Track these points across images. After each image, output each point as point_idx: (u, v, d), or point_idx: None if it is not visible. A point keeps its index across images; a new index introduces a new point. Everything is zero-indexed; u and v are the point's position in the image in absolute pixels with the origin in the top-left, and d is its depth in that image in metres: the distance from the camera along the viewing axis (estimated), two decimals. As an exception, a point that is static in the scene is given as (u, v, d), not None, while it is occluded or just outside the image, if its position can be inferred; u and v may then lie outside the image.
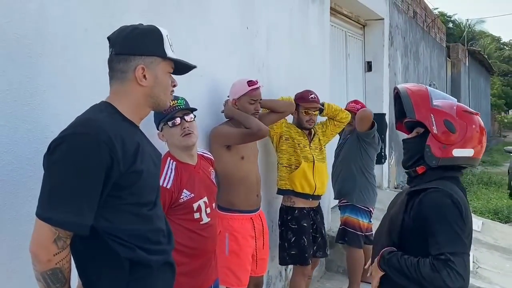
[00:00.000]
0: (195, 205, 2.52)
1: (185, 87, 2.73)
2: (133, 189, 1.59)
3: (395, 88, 2.02)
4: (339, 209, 4.59)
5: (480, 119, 1.93)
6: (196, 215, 2.53)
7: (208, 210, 2.58)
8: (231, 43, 3.40)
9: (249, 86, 3.13)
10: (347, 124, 4.21)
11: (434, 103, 1.89)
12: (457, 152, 1.86)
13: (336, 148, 4.72)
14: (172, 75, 1.75)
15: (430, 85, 12.27)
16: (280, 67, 4.08)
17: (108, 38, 1.72)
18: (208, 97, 3.13)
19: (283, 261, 3.81)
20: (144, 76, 1.65)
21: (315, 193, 3.77)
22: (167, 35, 1.71)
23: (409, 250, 1.82)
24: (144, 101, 1.69)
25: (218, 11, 3.23)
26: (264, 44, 3.84)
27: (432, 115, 1.87)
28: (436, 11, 27.13)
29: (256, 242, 3.24)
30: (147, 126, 2.26)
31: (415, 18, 10.62)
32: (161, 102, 1.72)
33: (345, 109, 4.27)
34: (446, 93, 13.99)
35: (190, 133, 2.50)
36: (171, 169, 2.50)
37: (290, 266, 4.22)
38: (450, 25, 34.70)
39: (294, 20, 4.38)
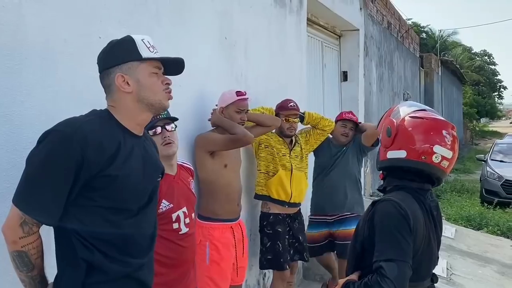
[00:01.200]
0: (174, 216, 2.52)
1: (164, 97, 2.76)
2: (105, 193, 1.61)
3: None
4: (341, 222, 4.28)
5: (434, 125, 1.90)
6: (175, 226, 2.52)
7: (187, 220, 2.58)
8: (210, 53, 3.42)
9: (237, 95, 3.24)
10: (343, 135, 4.25)
11: (393, 114, 1.99)
12: (390, 154, 1.93)
13: (324, 160, 4.41)
14: (163, 75, 1.78)
15: (404, 94, 12.53)
16: (258, 77, 4.12)
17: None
18: (188, 106, 3.14)
19: (261, 265, 3.87)
20: (127, 83, 1.69)
21: (291, 201, 3.81)
22: (143, 39, 1.73)
23: (367, 259, 1.84)
24: (136, 107, 1.72)
25: (197, 22, 3.25)
26: (243, 54, 3.88)
27: (383, 125, 2.01)
28: (409, 22, 27.68)
29: (236, 250, 3.26)
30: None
31: (389, 29, 10.82)
32: (155, 103, 1.73)
33: (340, 118, 4.31)
34: (420, 101, 14.25)
35: (170, 143, 2.51)
36: None
37: (269, 274, 4.24)
38: (424, 35, 35.41)
39: (272, 30, 4.43)
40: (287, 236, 3.82)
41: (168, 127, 2.53)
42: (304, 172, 3.99)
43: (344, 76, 7.94)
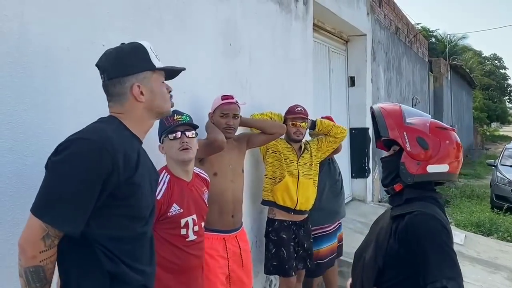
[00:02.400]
0: (183, 221, 2.52)
1: (168, 104, 2.76)
2: (129, 201, 1.62)
3: (371, 108, 2.05)
4: (334, 231, 4.33)
5: (455, 134, 1.95)
6: (183, 231, 2.53)
7: (196, 228, 2.57)
8: (214, 60, 3.43)
9: (221, 99, 3.17)
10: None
11: (408, 121, 1.92)
12: (431, 168, 1.87)
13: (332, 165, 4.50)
14: (165, 83, 1.82)
15: (412, 99, 12.46)
16: (263, 83, 4.12)
17: (97, 65, 1.76)
18: (191, 113, 3.13)
19: (267, 271, 3.85)
20: (141, 92, 1.70)
21: (297, 208, 3.79)
22: (150, 47, 1.76)
23: (388, 275, 1.81)
24: (147, 115, 1.75)
25: (201, 29, 3.26)
26: (247, 61, 3.88)
27: (405, 133, 1.90)
28: (418, 26, 27.57)
29: (228, 263, 3.12)
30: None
31: (397, 34, 10.78)
32: (164, 110, 1.79)
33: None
34: (429, 106, 14.19)
35: (188, 148, 2.52)
36: (164, 181, 2.52)
37: (276, 281, 4.22)
38: (433, 40, 35.24)
39: (277, 36, 4.43)
40: (292, 243, 3.79)
41: (188, 133, 2.54)
42: (313, 180, 3.95)
43: (352, 81, 7.92)
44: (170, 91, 1.81)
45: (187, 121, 2.58)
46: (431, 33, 36.75)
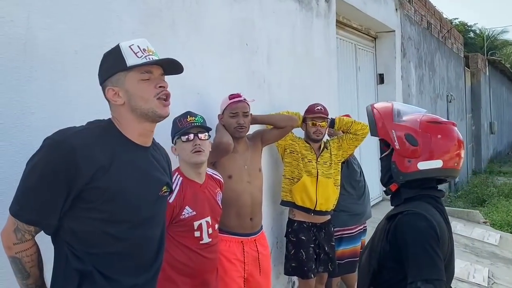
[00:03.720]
0: (196, 224, 2.51)
1: (182, 105, 2.77)
2: (96, 205, 1.57)
3: (366, 108, 2.02)
4: (358, 234, 4.20)
5: (453, 128, 1.87)
6: (197, 234, 2.51)
7: (210, 230, 2.56)
8: (229, 60, 3.42)
9: (229, 99, 3.09)
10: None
11: (397, 119, 1.88)
12: (422, 165, 1.81)
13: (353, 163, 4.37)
14: (158, 78, 1.69)
15: (447, 96, 12.15)
16: (282, 83, 4.08)
17: None
18: (205, 114, 3.12)
19: (286, 272, 3.82)
20: (117, 94, 1.66)
21: (317, 208, 3.72)
22: (131, 45, 1.66)
23: (386, 274, 1.77)
24: (133, 118, 1.67)
25: (215, 30, 3.25)
26: (265, 60, 3.85)
27: (393, 131, 1.86)
28: (456, 21, 26.85)
29: (245, 267, 3.06)
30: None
31: (429, 29, 10.53)
32: (148, 112, 1.65)
33: None
34: (465, 103, 13.77)
35: (200, 151, 2.51)
36: (176, 183, 2.50)
37: (298, 284, 4.18)
38: (471, 34, 34.26)
39: (297, 35, 4.38)
40: (312, 245, 3.73)
41: (201, 135, 2.52)
42: (333, 179, 3.86)
43: (381, 78, 7.78)
44: (162, 87, 1.67)
45: (201, 123, 2.56)
46: (469, 28, 35.75)
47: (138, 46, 1.66)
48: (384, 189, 1.97)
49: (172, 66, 1.73)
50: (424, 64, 9.94)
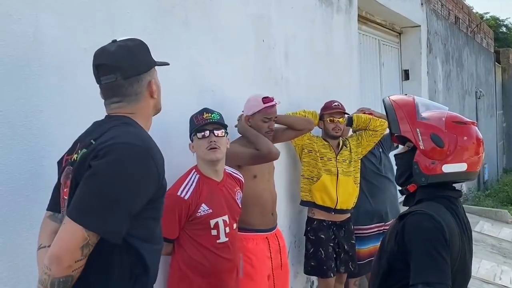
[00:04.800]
0: (213, 222, 2.48)
1: (196, 102, 2.75)
2: (158, 204, 1.60)
3: (383, 100, 1.91)
4: (377, 234, 3.97)
5: (475, 128, 1.79)
6: (213, 232, 2.48)
7: (228, 229, 2.52)
8: (244, 57, 3.37)
9: (263, 103, 3.00)
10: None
11: (421, 116, 1.78)
12: (447, 168, 1.72)
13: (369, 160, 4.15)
14: None
15: (476, 92, 11.85)
16: (300, 79, 4.02)
17: (99, 64, 1.66)
18: (220, 112, 3.10)
19: (306, 271, 3.77)
20: (154, 89, 1.70)
21: (338, 207, 3.66)
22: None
23: (395, 276, 1.71)
24: (152, 112, 1.75)
25: (229, 27, 3.21)
26: (282, 57, 3.80)
27: (418, 130, 1.75)
28: (487, 16, 26.18)
29: (272, 262, 3.09)
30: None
31: (457, 24, 10.28)
32: (160, 106, 1.78)
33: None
34: (495, 99, 13.43)
35: (215, 148, 2.48)
36: (193, 180, 2.49)
37: (317, 282, 4.12)
38: (503, 29, 33.37)
39: (316, 31, 4.31)
40: (331, 244, 3.67)
41: (217, 132, 2.49)
42: (354, 177, 3.80)
43: (406, 74, 7.64)
44: None
45: (217, 119, 2.52)
46: (501, 23, 34.83)
47: None
48: (400, 188, 1.89)
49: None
50: (452, 60, 9.72)
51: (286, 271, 3.23)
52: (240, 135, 3.12)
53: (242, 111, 3.14)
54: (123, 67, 1.62)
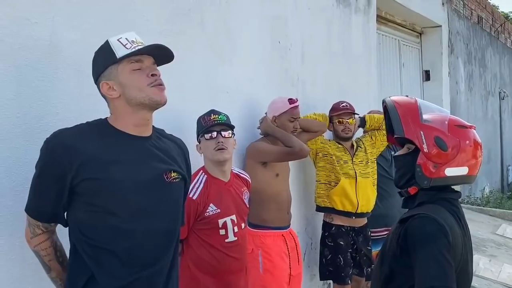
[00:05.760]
0: (221, 222, 2.50)
1: (211, 104, 2.76)
2: (90, 197, 1.60)
3: (383, 101, 1.89)
4: (379, 240, 3.85)
5: (474, 132, 1.79)
6: (222, 232, 2.50)
7: (236, 229, 2.54)
8: (260, 58, 3.37)
9: (290, 104, 3.15)
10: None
11: (424, 118, 1.76)
12: (450, 171, 1.71)
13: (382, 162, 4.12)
14: (150, 67, 1.68)
15: (500, 93, 11.64)
16: (316, 80, 4.01)
17: None
18: (235, 113, 3.10)
19: (322, 276, 3.71)
20: (112, 88, 1.67)
21: (358, 211, 3.59)
22: (119, 38, 1.67)
23: (397, 280, 1.69)
24: (129, 109, 1.67)
25: (245, 28, 3.22)
26: (299, 58, 3.79)
27: (421, 132, 1.73)
28: (512, 14, 25.72)
29: (290, 259, 3.16)
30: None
31: (479, 24, 10.11)
32: (144, 100, 1.64)
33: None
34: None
35: (223, 148, 2.50)
36: (201, 181, 2.52)
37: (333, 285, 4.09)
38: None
39: (333, 32, 4.29)
40: (350, 250, 3.60)
41: (224, 133, 2.52)
42: (372, 178, 3.73)
43: (427, 75, 7.55)
44: (154, 75, 1.66)
45: (224, 120, 2.55)
46: (527, 21, 34.15)
47: (126, 39, 1.67)
48: (398, 190, 1.87)
49: (162, 55, 1.73)
50: (474, 60, 9.56)
51: (301, 266, 3.31)
52: (261, 137, 3.18)
53: (265, 113, 3.20)
54: (92, 74, 1.75)
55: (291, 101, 3.16)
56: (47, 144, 1.63)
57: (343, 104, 3.68)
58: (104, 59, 1.68)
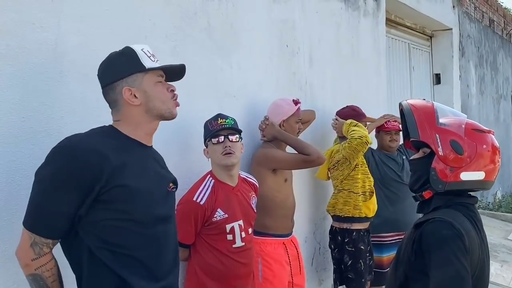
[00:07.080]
0: (228, 227, 2.48)
1: (218, 108, 2.74)
2: (116, 205, 1.57)
3: (400, 104, 1.87)
4: (391, 245, 3.84)
5: (493, 137, 1.75)
6: (229, 237, 2.48)
7: (243, 234, 2.52)
8: (268, 62, 3.35)
9: (295, 105, 3.10)
10: (394, 141, 3.89)
11: (441, 122, 1.73)
12: (465, 176, 1.68)
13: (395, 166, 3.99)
14: (166, 83, 1.77)
15: (512, 97, 11.51)
16: (325, 84, 3.98)
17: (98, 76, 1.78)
18: (242, 118, 3.08)
19: (341, 282, 3.60)
20: (134, 95, 1.68)
21: (372, 214, 3.61)
22: (142, 49, 1.72)
23: (413, 287, 1.66)
24: (144, 118, 1.71)
25: (252, 32, 3.20)
26: (307, 61, 3.77)
27: (437, 135, 1.71)
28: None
29: (291, 267, 3.07)
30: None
31: (491, 26, 10.01)
32: (165, 112, 1.73)
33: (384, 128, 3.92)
34: (534, 104, 13.02)
35: (230, 153, 2.48)
36: (208, 186, 2.50)
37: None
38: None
39: (341, 35, 4.26)
40: (367, 254, 3.56)
41: (232, 137, 2.50)
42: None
43: (437, 78, 7.47)
44: (173, 91, 1.76)
45: (231, 125, 2.53)
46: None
47: (148, 51, 1.74)
48: (413, 195, 1.84)
49: (177, 75, 1.83)
50: (486, 63, 9.46)
51: (303, 276, 3.21)
52: (265, 141, 3.08)
53: (266, 117, 3.08)
54: (101, 76, 1.75)
55: (295, 101, 3.11)
56: (71, 151, 1.55)
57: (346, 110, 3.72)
58: (129, 65, 1.69)
